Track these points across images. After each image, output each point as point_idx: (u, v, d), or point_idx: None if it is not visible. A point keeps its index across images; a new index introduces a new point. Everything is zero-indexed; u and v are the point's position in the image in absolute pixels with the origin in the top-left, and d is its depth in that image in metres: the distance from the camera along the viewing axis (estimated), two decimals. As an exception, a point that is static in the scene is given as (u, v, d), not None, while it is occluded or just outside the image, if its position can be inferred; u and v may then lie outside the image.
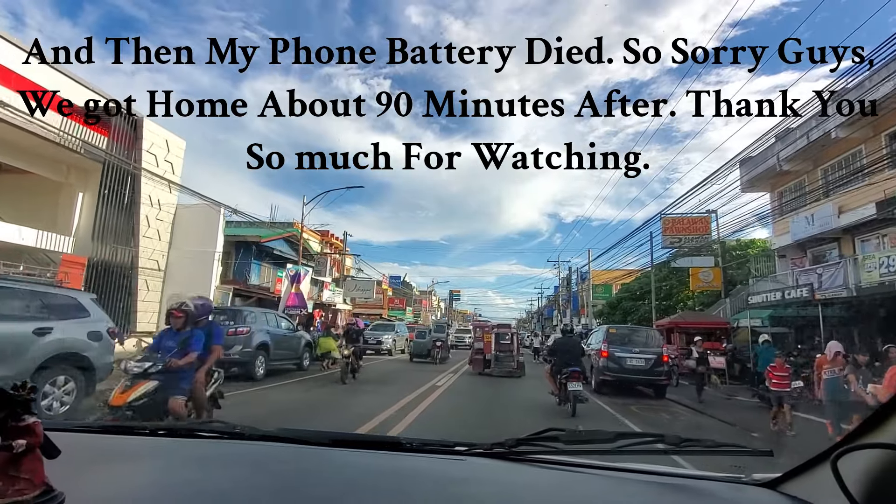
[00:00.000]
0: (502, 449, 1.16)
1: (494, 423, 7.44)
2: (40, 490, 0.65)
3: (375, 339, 23.60)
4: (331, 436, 1.26)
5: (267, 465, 1.05)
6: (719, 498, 0.98)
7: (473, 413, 8.45)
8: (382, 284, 45.00)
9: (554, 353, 9.70)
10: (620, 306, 28.63)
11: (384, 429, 6.20)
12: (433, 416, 7.56)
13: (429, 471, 1.10)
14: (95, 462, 1.02)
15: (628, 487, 1.04)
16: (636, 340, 12.52)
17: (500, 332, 15.79)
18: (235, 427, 1.28)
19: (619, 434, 1.19)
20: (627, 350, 12.07)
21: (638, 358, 11.89)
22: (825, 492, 0.80)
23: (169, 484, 0.93)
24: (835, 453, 0.77)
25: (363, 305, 43.02)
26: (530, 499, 0.96)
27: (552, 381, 8.98)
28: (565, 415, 8.06)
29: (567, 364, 8.45)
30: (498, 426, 7.14)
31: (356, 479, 1.00)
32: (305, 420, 6.89)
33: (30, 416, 0.66)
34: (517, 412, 8.72)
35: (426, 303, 63.03)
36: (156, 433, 1.28)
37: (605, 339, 12.35)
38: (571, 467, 1.10)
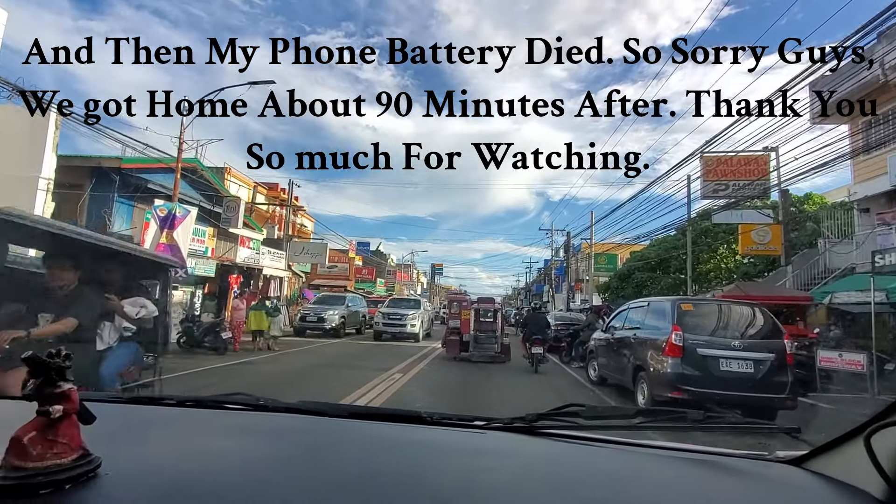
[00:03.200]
0: (522, 423, 1.16)
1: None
2: (78, 454, 0.66)
3: (316, 316, 17.82)
4: (349, 409, 1.37)
5: (289, 436, 1.09)
6: (744, 474, 0.96)
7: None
8: (349, 252, 38.91)
9: (525, 324, 12.53)
10: (632, 278, 23.02)
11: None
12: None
13: (448, 443, 1.11)
14: (128, 430, 1.04)
15: (649, 463, 1.03)
16: (733, 324, 6.79)
17: (482, 307, 12.89)
18: (259, 399, 1.31)
19: (640, 410, 1.40)
20: (721, 343, 6.36)
21: (742, 359, 6.16)
22: (856, 469, 0.79)
23: (196, 452, 0.94)
24: (869, 429, 0.75)
25: (326, 276, 37.04)
26: (550, 472, 0.95)
27: (523, 346, 11.63)
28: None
29: (534, 333, 11.15)
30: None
31: (376, 449, 1.02)
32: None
33: (65, 382, 0.66)
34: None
35: (405, 276, 57.16)
36: (183, 404, 1.30)
37: (674, 324, 6.56)
38: (592, 442, 1.10)
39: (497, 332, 12.53)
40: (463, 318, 12.53)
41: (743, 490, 0.91)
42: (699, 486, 0.92)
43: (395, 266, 52.76)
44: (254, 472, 0.83)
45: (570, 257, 29.16)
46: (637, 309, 8.52)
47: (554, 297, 40.25)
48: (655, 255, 22.35)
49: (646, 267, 22.63)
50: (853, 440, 0.83)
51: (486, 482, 0.86)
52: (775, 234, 15.97)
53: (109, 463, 0.70)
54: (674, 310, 6.82)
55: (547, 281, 47.11)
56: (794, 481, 0.92)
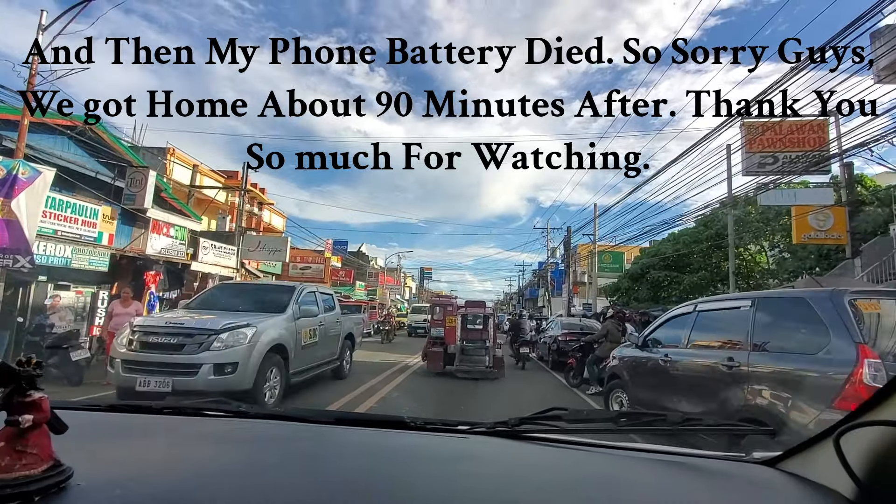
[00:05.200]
0: (505, 427, 1.16)
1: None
2: (48, 464, 0.65)
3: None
4: (334, 415, 1.36)
5: (271, 444, 1.07)
6: (720, 475, 0.98)
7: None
8: (325, 252, 35.20)
9: (511, 329, 15.99)
10: (646, 278, 19.51)
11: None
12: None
13: (432, 448, 1.10)
14: (103, 439, 1.01)
15: (630, 465, 1.04)
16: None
17: (470, 312, 11.09)
18: (240, 406, 1.30)
19: (622, 413, 1.36)
20: None
21: None
22: (826, 469, 0.81)
23: (174, 460, 0.92)
24: (837, 430, 0.77)
25: (298, 278, 33.27)
26: (533, 476, 0.95)
27: (511, 348, 13.94)
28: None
29: (518, 336, 13.55)
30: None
31: (360, 456, 1.00)
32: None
33: (36, 391, 0.65)
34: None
35: (390, 279, 53.37)
36: (162, 412, 1.27)
37: (860, 342, 2.94)
38: (574, 446, 1.10)
39: (488, 341, 10.50)
40: (448, 326, 10.62)
41: (718, 491, 0.93)
42: (678, 488, 0.93)
43: (379, 269, 49.01)
44: (234, 480, 0.82)
45: (570, 256, 25.63)
46: (720, 313, 4.96)
47: (551, 301, 36.64)
48: (673, 250, 18.89)
49: (662, 265, 19.15)
50: (824, 441, 0.84)
51: (468, 487, 0.86)
52: (839, 218, 12.57)
53: (82, 473, 0.69)
54: (845, 310, 3.23)
55: (542, 284, 43.55)
56: (768, 482, 0.94)
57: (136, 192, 11.37)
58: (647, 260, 20.12)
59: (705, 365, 4.65)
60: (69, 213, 10.31)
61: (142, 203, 11.31)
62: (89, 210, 10.84)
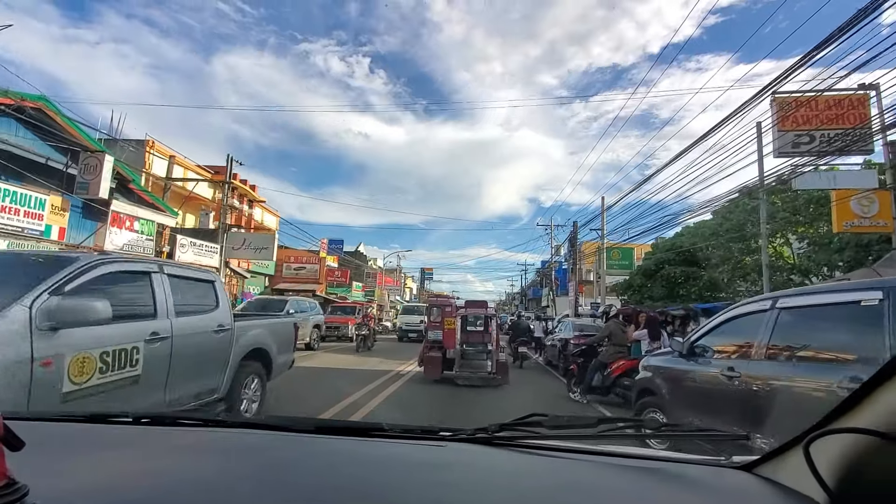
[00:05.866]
0: (485, 434, 1.15)
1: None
2: (1, 483, 0.62)
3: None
4: (313, 423, 1.27)
5: (248, 453, 1.05)
6: (696, 480, 1.00)
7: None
8: (320, 252, 33.85)
9: (512, 329, 15.32)
10: (661, 274, 18.07)
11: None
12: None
13: (412, 457, 1.09)
14: (67, 452, 0.97)
15: (609, 471, 1.04)
16: None
17: (471, 313, 10.27)
18: (219, 415, 1.35)
19: (602, 419, 1.26)
20: None
21: None
22: (798, 475, 0.81)
23: (144, 473, 0.88)
24: (807, 438, 0.77)
25: (292, 279, 31.95)
26: (511, 483, 0.95)
27: (510, 347, 13.55)
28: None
29: (518, 336, 13.62)
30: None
31: (339, 465, 0.98)
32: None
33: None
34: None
35: (389, 279, 51.97)
36: (139, 422, 1.23)
37: None
38: (554, 452, 1.10)
39: (490, 344, 9.59)
40: (446, 328, 9.68)
41: (694, 495, 0.93)
42: (655, 493, 0.93)
43: (377, 269, 47.63)
44: (206, 492, 0.80)
45: (577, 252, 24.22)
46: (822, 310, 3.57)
47: (555, 301, 35.20)
48: (690, 244, 17.47)
49: (678, 260, 17.71)
50: (795, 447, 0.85)
51: (446, 496, 0.85)
52: (885, 203, 11.17)
53: (40, 490, 0.66)
54: None
55: (546, 283, 42.09)
56: (744, 487, 0.94)
57: (90, 180, 9.98)
58: (662, 255, 18.69)
59: (807, 385, 3.28)
60: (8, 202, 8.95)
61: (96, 192, 9.92)
62: (34, 200, 9.48)
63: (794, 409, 3.31)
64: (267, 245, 19.03)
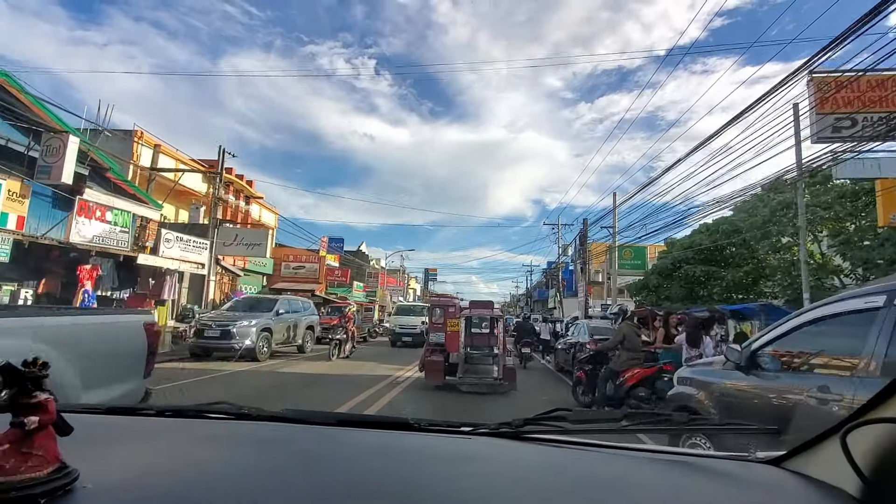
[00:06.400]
0: (509, 428, 1.15)
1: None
2: (54, 466, 0.64)
3: (219, 329, 11.80)
4: (337, 416, 1.29)
5: (274, 446, 1.06)
6: (725, 475, 0.97)
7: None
8: (320, 251, 32.87)
9: (517, 331, 15.32)
10: (679, 273, 16.89)
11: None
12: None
13: (435, 449, 1.09)
14: (107, 441, 1.01)
15: (634, 466, 1.03)
16: None
17: (476, 315, 9.57)
18: (242, 408, 1.28)
19: (626, 414, 1.22)
20: None
21: None
22: (832, 467, 0.79)
23: (177, 463, 0.91)
24: (844, 428, 0.75)
25: (291, 278, 30.96)
26: (536, 477, 0.94)
27: (514, 348, 12.62)
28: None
29: (522, 337, 14.09)
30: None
31: (363, 457, 0.99)
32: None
33: (42, 392, 0.64)
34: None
35: (392, 280, 50.95)
36: (163, 414, 1.26)
37: None
38: (578, 446, 1.09)
39: (496, 348, 9.19)
40: (449, 331, 9.07)
41: (723, 490, 0.91)
42: (683, 488, 0.92)
43: (379, 269, 46.62)
44: (238, 482, 0.81)
45: (586, 251, 23.07)
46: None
47: (563, 302, 33.98)
48: (711, 241, 16.29)
49: (698, 258, 16.53)
50: (830, 439, 0.84)
51: (472, 488, 0.84)
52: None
53: (88, 475, 0.68)
54: None
55: (553, 285, 40.89)
56: (773, 481, 0.93)
57: (53, 163, 8.99)
58: (679, 253, 17.49)
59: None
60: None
61: (59, 176, 8.92)
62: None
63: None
64: (260, 241, 18.01)
